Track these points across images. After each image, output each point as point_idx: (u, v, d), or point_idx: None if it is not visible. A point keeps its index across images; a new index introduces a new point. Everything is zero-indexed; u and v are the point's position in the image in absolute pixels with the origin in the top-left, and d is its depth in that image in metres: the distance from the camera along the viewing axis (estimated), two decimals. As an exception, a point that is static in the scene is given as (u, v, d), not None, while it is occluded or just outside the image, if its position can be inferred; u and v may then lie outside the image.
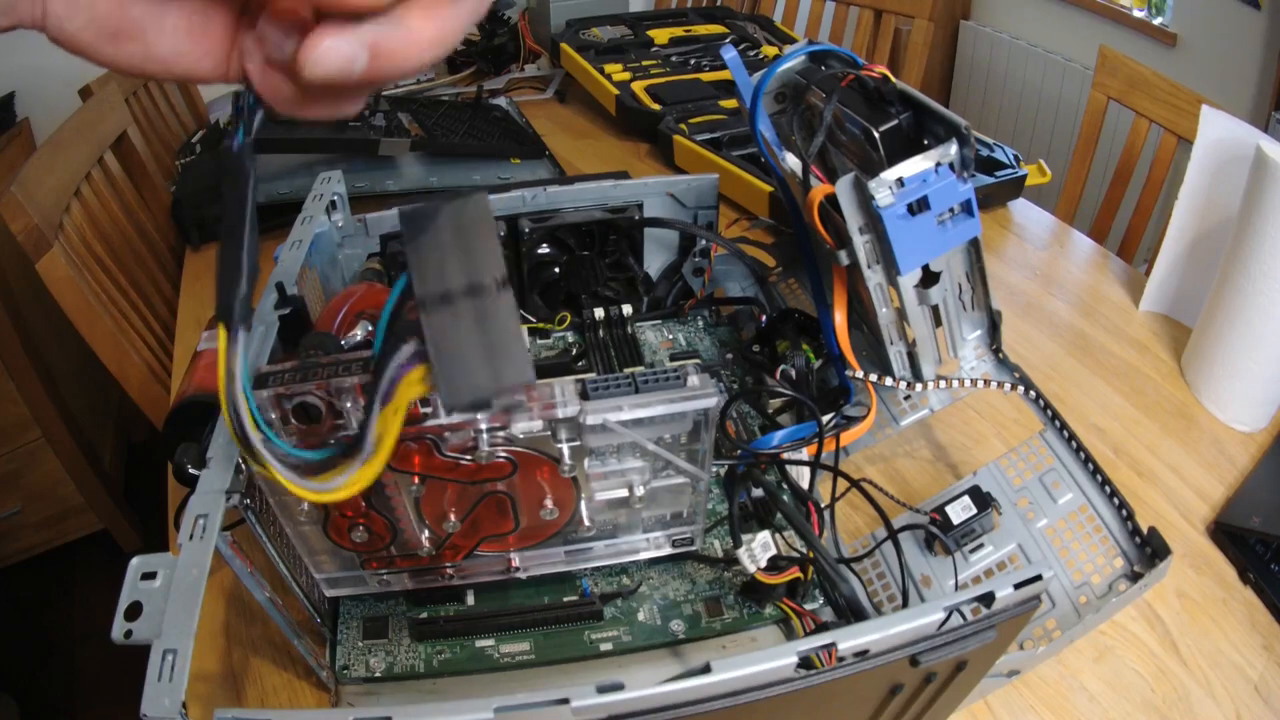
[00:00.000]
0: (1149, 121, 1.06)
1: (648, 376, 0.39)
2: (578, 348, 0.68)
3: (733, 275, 0.72)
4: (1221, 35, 1.62)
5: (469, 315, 0.28)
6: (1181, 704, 0.48)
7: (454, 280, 0.28)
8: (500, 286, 0.28)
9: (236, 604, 0.52)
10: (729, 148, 0.97)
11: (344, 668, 0.47)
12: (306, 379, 0.35)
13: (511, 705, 0.27)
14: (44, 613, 1.49)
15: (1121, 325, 0.78)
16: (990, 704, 0.48)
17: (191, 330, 0.84)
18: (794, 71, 0.55)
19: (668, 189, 0.67)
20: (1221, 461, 0.64)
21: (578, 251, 0.68)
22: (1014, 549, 0.52)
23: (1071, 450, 0.53)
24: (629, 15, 1.38)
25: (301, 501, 0.40)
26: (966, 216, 0.49)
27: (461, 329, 0.28)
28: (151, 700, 0.28)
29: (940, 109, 0.48)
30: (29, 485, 1.39)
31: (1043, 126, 2.01)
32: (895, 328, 0.53)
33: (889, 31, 1.41)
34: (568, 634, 0.49)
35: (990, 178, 0.92)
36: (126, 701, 0.36)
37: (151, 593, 0.32)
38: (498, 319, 0.28)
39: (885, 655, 0.31)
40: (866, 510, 0.53)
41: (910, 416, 0.58)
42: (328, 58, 0.22)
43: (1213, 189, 0.72)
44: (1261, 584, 0.54)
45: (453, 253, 0.28)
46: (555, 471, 0.42)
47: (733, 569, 0.52)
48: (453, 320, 0.28)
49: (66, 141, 0.98)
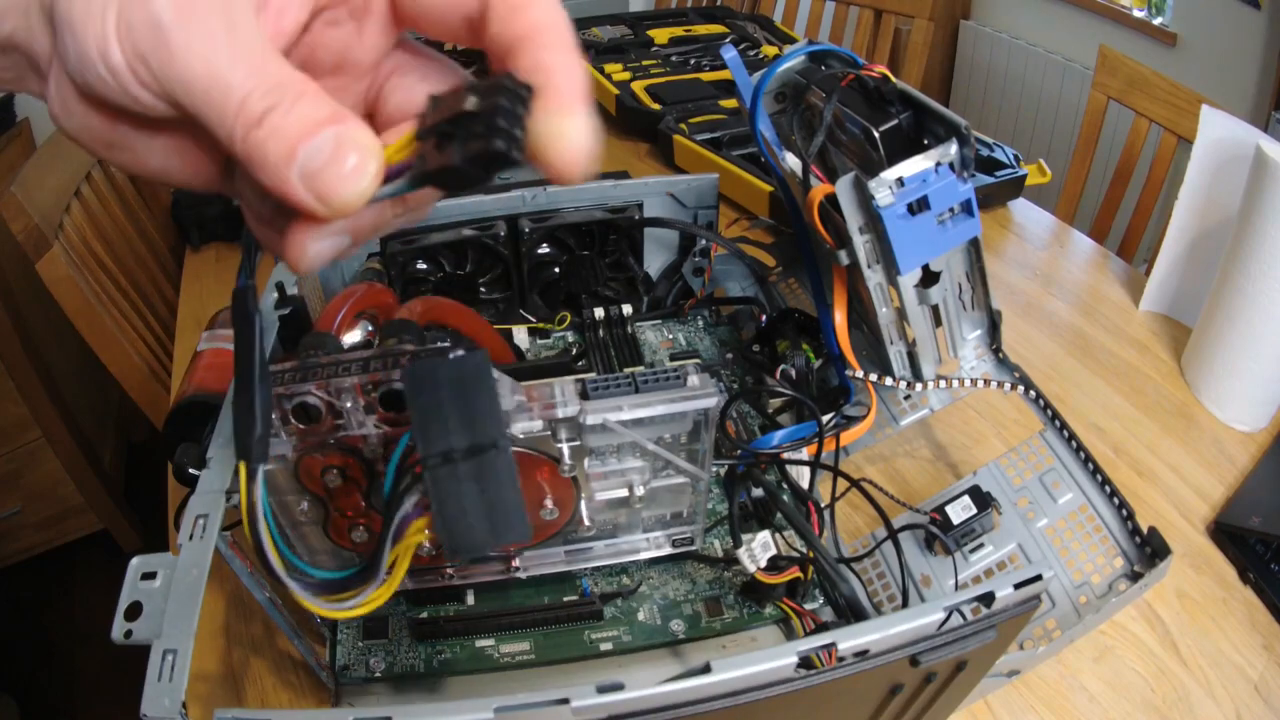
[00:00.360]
0: (1149, 121, 1.06)
1: (648, 376, 0.39)
2: (578, 348, 0.68)
3: (733, 275, 0.72)
4: (1221, 35, 1.62)
5: (469, 475, 0.29)
6: (1181, 704, 0.48)
7: (455, 440, 0.29)
8: (499, 446, 0.29)
9: (236, 604, 0.52)
10: (729, 148, 0.97)
11: (344, 668, 0.47)
12: (306, 379, 0.35)
13: (511, 705, 0.27)
14: (44, 613, 1.49)
15: (1121, 325, 0.78)
16: (990, 704, 0.48)
17: (191, 330, 0.84)
18: (794, 71, 0.55)
19: (668, 189, 0.67)
20: (1221, 461, 0.64)
21: (578, 251, 0.68)
22: (1014, 549, 0.52)
23: (1071, 450, 0.53)
24: (629, 15, 1.38)
25: (301, 501, 0.40)
26: (966, 216, 0.49)
27: (462, 487, 0.29)
28: (151, 700, 0.28)
29: (940, 109, 0.48)
30: (29, 485, 1.39)
31: (1043, 126, 2.01)
32: (895, 328, 0.53)
33: (889, 31, 1.41)
34: (568, 634, 0.49)
35: (990, 178, 0.92)
36: (126, 701, 0.36)
37: (151, 593, 0.31)
38: (496, 478, 0.29)
39: (885, 655, 0.31)
40: (866, 510, 0.53)
41: (910, 416, 0.58)
42: (314, 261, 0.23)
43: (1213, 189, 0.72)
44: (1261, 584, 0.54)
45: (453, 412, 0.29)
46: (555, 471, 0.42)
47: (733, 569, 0.52)
48: (454, 479, 0.29)
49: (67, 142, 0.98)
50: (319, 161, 0.21)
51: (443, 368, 0.30)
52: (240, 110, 0.21)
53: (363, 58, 0.26)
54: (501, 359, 0.57)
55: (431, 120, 0.22)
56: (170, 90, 0.21)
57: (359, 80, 0.26)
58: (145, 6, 0.20)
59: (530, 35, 0.23)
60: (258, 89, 0.21)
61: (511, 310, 0.69)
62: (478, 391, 0.30)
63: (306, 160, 0.21)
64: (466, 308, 0.55)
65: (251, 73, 0.21)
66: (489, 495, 0.29)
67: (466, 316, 0.55)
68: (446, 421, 0.29)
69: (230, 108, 0.21)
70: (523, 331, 0.68)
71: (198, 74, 0.20)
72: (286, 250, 0.23)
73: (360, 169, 0.21)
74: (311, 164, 0.21)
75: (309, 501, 0.40)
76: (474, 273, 0.67)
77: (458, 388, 0.29)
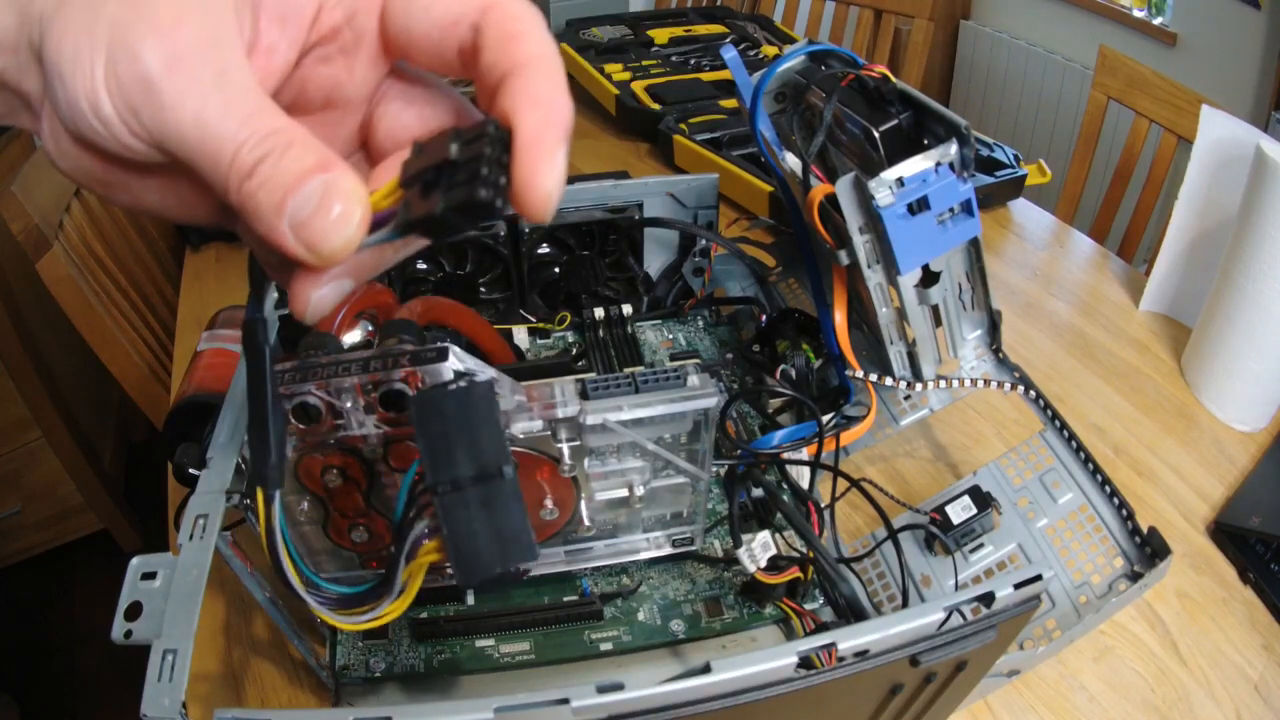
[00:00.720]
0: (1149, 121, 1.06)
1: (648, 376, 0.39)
2: (578, 348, 0.68)
3: (733, 275, 0.72)
4: (1221, 35, 1.62)
5: (477, 501, 0.30)
6: (1181, 704, 0.48)
7: (462, 468, 0.30)
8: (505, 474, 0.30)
9: (236, 604, 0.52)
10: (729, 148, 0.97)
11: (344, 668, 0.47)
12: (306, 379, 0.35)
13: (511, 705, 0.27)
14: (44, 613, 1.49)
15: (1121, 325, 0.78)
16: (990, 704, 0.48)
17: (191, 330, 0.84)
18: (794, 71, 0.55)
19: (668, 189, 0.67)
20: (1221, 461, 0.64)
21: (578, 251, 0.68)
22: (1014, 549, 0.52)
23: (1071, 450, 0.53)
24: (629, 15, 1.38)
25: (301, 501, 0.40)
26: (966, 216, 0.49)
27: (470, 513, 0.30)
28: (151, 700, 0.28)
29: (940, 109, 0.48)
30: (29, 485, 1.39)
31: (1043, 126, 2.01)
32: (895, 328, 0.53)
33: (889, 31, 1.41)
34: (568, 634, 0.49)
35: (990, 178, 0.92)
36: (126, 701, 0.36)
37: (151, 593, 0.32)
38: (503, 503, 0.30)
39: (885, 655, 0.31)
40: (866, 510, 0.53)
41: (910, 416, 0.58)
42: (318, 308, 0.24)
43: (1213, 189, 0.72)
44: (1261, 584, 0.54)
45: (460, 441, 0.30)
46: (555, 471, 0.42)
47: (733, 569, 0.52)
48: (462, 505, 0.30)
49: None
50: (306, 211, 0.21)
51: (448, 398, 0.31)
52: (233, 162, 0.21)
53: (354, 92, 0.26)
54: (501, 359, 0.57)
55: (415, 168, 0.22)
56: (163, 142, 0.21)
57: (352, 114, 0.26)
58: (133, 61, 0.20)
59: (522, 67, 0.23)
60: (249, 140, 0.21)
61: (511, 310, 0.69)
62: (483, 420, 0.31)
63: (295, 210, 0.21)
64: (466, 308, 0.55)
65: (243, 124, 0.21)
66: (496, 520, 0.30)
67: (466, 316, 0.55)
68: (454, 450, 0.30)
69: (224, 160, 0.21)
70: (523, 331, 0.68)
71: (189, 127, 0.21)
72: (291, 302, 0.24)
73: (346, 217, 0.21)
74: (300, 214, 0.21)
75: (309, 501, 0.40)
76: (474, 273, 0.67)
77: (463, 417, 0.30)
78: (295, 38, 0.23)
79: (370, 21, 0.24)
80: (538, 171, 0.22)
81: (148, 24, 0.20)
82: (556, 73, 0.23)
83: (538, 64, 0.23)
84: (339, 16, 0.24)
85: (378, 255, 0.25)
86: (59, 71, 0.21)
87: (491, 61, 0.23)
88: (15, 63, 0.22)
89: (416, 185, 0.22)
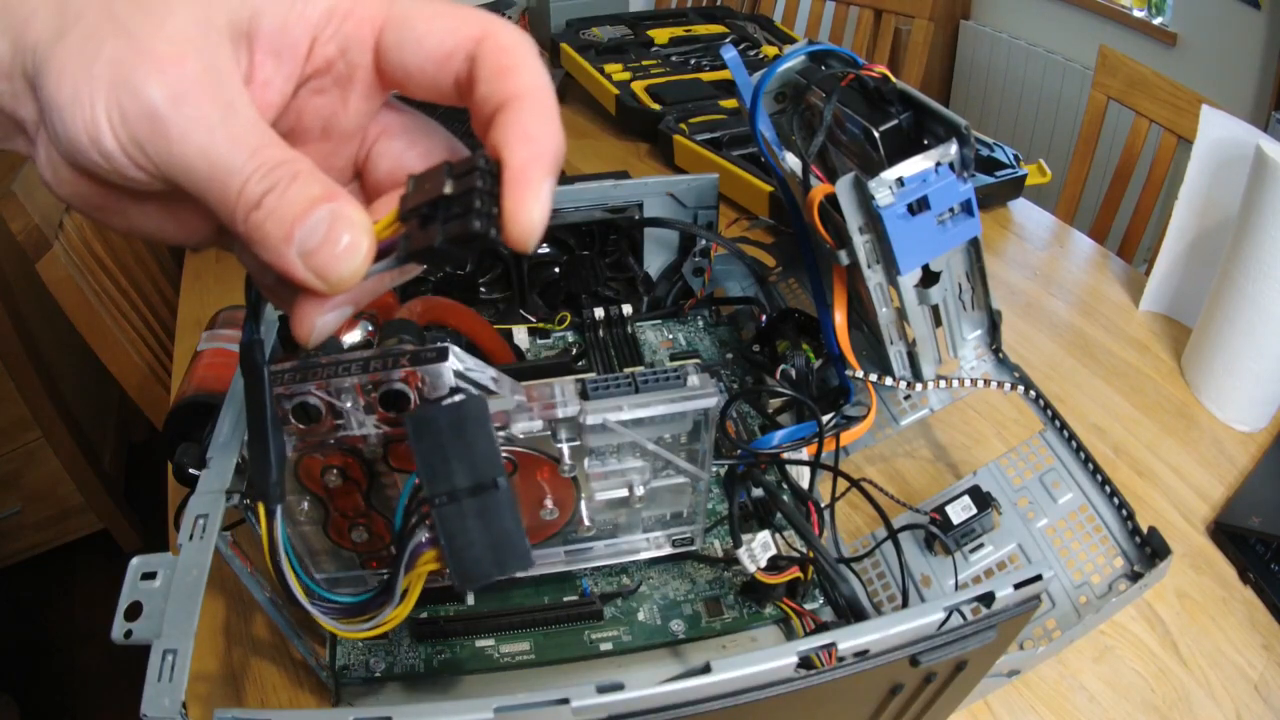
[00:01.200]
0: (1149, 121, 1.06)
1: (648, 376, 0.39)
2: (578, 348, 0.68)
3: (733, 275, 0.72)
4: (1221, 35, 1.62)
5: (473, 511, 0.31)
6: (1181, 704, 0.48)
7: (458, 480, 0.31)
8: (499, 484, 0.31)
9: (236, 604, 0.52)
10: (729, 148, 0.97)
11: (344, 668, 0.47)
12: (306, 379, 0.35)
13: (511, 705, 0.27)
14: (44, 613, 1.49)
15: (1121, 325, 0.78)
16: (990, 704, 0.48)
17: (191, 330, 0.84)
18: (794, 71, 0.55)
19: (668, 189, 0.67)
20: (1221, 461, 0.64)
21: (578, 251, 0.68)
22: (1014, 549, 0.52)
23: (1071, 450, 0.53)
24: (629, 15, 1.38)
25: (302, 501, 0.40)
26: (966, 216, 0.49)
27: (467, 523, 0.31)
28: (151, 700, 0.28)
29: (940, 109, 0.48)
30: (29, 485, 1.39)
31: (1043, 126, 2.01)
32: (895, 328, 0.53)
33: (889, 31, 1.41)
34: (568, 634, 0.49)
35: (990, 178, 0.92)
36: (126, 701, 0.36)
37: (151, 593, 0.32)
38: (498, 513, 0.31)
39: (885, 655, 0.31)
40: (866, 510, 0.53)
41: (910, 416, 0.58)
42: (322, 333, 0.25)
43: (1213, 189, 0.72)
44: (1261, 584, 0.54)
45: (455, 454, 0.31)
46: (555, 471, 0.42)
47: (733, 569, 0.52)
48: (459, 516, 0.31)
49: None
50: (314, 241, 0.21)
51: (443, 413, 0.32)
52: (241, 194, 0.21)
53: (349, 123, 0.26)
54: (501, 359, 0.57)
55: (413, 202, 0.23)
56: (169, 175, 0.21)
57: (347, 144, 0.27)
58: (137, 96, 0.20)
59: (514, 100, 0.23)
60: (256, 172, 0.21)
61: (511, 310, 0.69)
62: (476, 434, 0.32)
63: (304, 240, 0.21)
64: (466, 308, 0.55)
65: (250, 156, 0.21)
66: (492, 529, 0.31)
67: (466, 316, 0.55)
68: (449, 463, 0.31)
69: (231, 192, 0.21)
70: (523, 331, 0.68)
71: (196, 160, 0.21)
72: (294, 328, 0.24)
73: (354, 246, 0.22)
74: (308, 243, 0.21)
75: (309, 501, 0.40)
76: (474, 273, 0.67)
77: (458, 431, 0.31)
78: (290, 72, 0.24)
79: (364, 55, 0.25)
80: (522, 205, 0.23)
81: (150, 62, 0.20)
82: (546, 105, 0.24)
83: (528, 97, 0.24)
84: (333, 50, 0.24)
85: (377, 281, 0.26)
86: (56, 106, 0.21)
87: (485, 94, 0.24)
88: (10, 90, 0.22)
89: (415, 218, 0.23)
